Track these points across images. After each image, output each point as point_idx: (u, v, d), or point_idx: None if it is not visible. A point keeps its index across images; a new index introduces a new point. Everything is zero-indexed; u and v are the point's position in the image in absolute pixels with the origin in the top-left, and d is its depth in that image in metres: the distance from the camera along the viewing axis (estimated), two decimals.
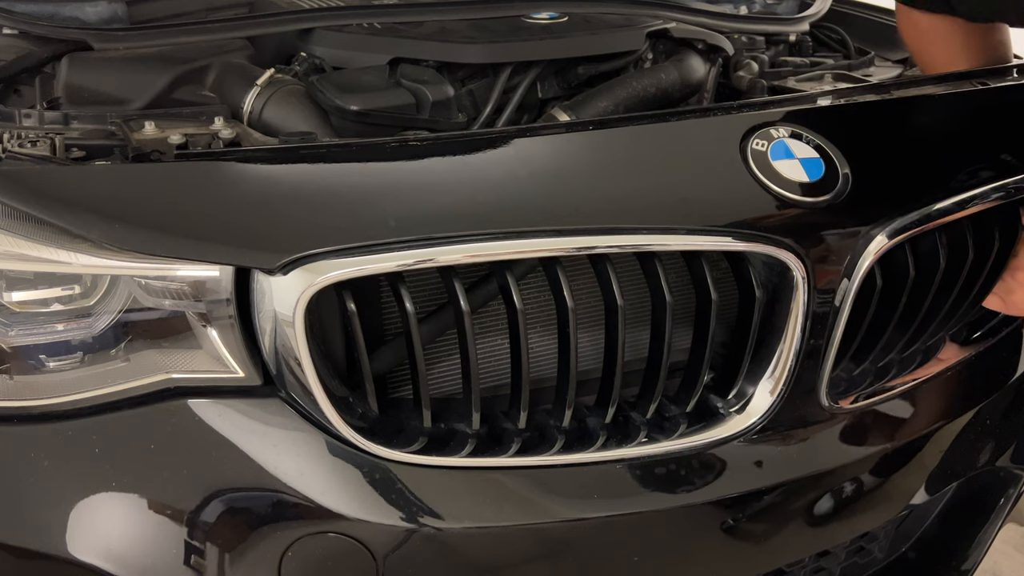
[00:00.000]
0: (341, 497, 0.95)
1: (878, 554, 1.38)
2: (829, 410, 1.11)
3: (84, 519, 0.93)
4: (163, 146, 1.04)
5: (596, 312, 1.07)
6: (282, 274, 0.90)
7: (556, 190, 1.00)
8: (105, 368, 0.96)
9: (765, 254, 1.02)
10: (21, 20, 1.32)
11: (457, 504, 0.98)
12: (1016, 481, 1.47)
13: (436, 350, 1.07)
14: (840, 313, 1.07)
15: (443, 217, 0.95)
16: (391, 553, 0.97)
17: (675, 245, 0.99)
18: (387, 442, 0.97)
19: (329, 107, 1.20)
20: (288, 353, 0.92)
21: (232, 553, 0.95)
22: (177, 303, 0.94)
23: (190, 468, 0.94)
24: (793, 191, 1.04)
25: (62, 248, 0.90)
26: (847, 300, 1.06)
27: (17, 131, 1.12)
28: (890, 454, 1.16)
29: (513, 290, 0.96)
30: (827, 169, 1.07)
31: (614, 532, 1.03)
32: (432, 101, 1.24)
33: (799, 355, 1.06)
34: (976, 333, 1.34)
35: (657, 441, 1.05)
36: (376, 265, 0.91)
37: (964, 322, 1.32)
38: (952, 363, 1.27)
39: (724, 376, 1.10)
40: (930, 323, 1.21)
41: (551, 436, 1.03)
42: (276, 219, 0.93)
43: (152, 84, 1.25)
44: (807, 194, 1.04)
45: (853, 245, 1.05)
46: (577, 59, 1.38)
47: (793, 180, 1.04)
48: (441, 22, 1.42)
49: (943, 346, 1.28)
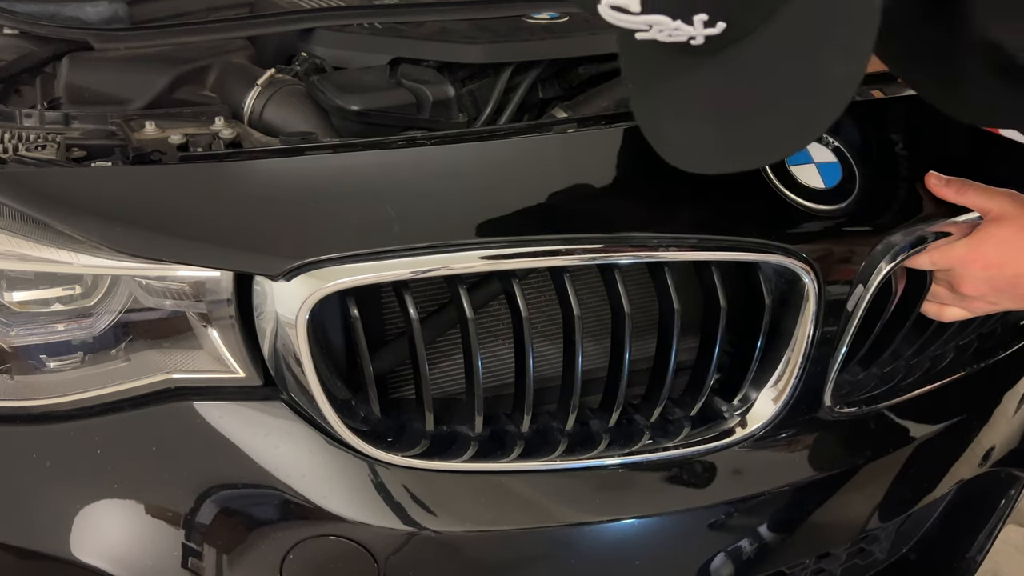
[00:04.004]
0: (343, 500, 0.95)
1: (879, 555, 1.38)
2: (833, 414, 1.10)
3: (85, 520, 0.93)
4: (164, 146, 1.03)
5: (601, 312, 1.07)
6: (285, 280, 0.90)
7: (564, 196, 1.00)
8: (106, 368, 0.96)
9: (776, 263, 1.02)
10: (22, 20, 1.32)
11: (459, 507, 0.98)
12: (1016, 483, 1.48)
13: (438, 350, 1.07)
14: (852, 319, 1.06)
15: (449, 222, 0.95)
16: (392, 556, 0.96)
17: (685, 256, 0.99)
18: (389, 446, 0.97)
19: (330, 107, 1.20)
20: (289, 355, 0.92)
21: (233, 555, 0.95)
22: (178, 303, 0.94)
23: (191, 469, 0.94)
24: (809, 199, 1.04)
25: (63, 248, 0.90)
26: (861, 306, 1.05)
27: (18, 131, 1.11)
28: (893, 457, 1.16)
29: (519, 297, 0.96)
30: (844, 174, 1.06)
31: (616, 536, 1.03)
32: (433, 101, 1.24)
33: (806, 362, 1.05)
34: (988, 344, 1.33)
35: (660, 444, 1.04)
36: (382, 273, 0.91)
37: (976, 332, 1.30)
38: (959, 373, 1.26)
39: (729, 380, 1.10)
40: (943, 332, 1.20)
41: (554, 439, 1.03)
42: (279, 224, 0.93)
43: (153, 84, 1.24)
44: (823, 201, 1.04)
45: (868, 251, 1.04)
46: (578, 59, 1.37)
47: (809, 186, 1.04)
48: (442, 22, 1.41)
49: (951, 355, 1.27)
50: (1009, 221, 1.02)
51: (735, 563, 1.11)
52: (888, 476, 1.18)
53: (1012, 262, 1.02)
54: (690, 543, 1.08)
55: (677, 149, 0.84)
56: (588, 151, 1.07)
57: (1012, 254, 1.02)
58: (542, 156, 1.04)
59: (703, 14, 0.70)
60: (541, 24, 1.41)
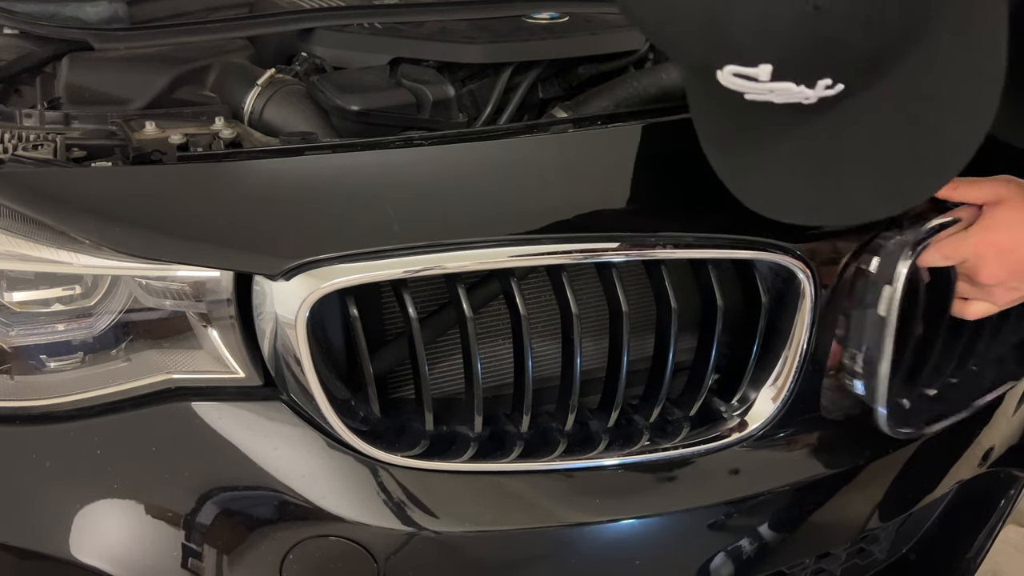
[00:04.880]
0: (342, 500, 0.95)
1: (879, 555, 1.37)
2: (895, 431, 1.09)
3: (85, 520, 0.93)
4: (164, 146, 1.03)
5: (599, 313, 1.07)
6: (285, 280, 0.90)
7: (563, 195, 1.00)
8: (106, 368, 0.96)
9: (772, 261, 1.02)
10: (22, 20, 1.32)
11: (458, 507, 0.98)
12: (1016, 483, 1.48)
13: (437, 350, 1.07)
14: (887, 323, 1.03)
15: (447, 221, 0.95)
16: (392, 556, 0.96)
17: (682, 255, 0.99)
18: (389, 446, 0.97)
19: (330, 107, 1.20)
20: (289, 355, 0.92)
21: (233, 555, 0.95)
22: (178, 303, 0.94)
23: (191, 469, 0.94)
24: None
25: (63, 248, 0.90)
26: (893, 307, 1.02)
27: (18, 131, 1.11)
28: (893, 457, 1.16)
29: (517, 296, 0.96)
30: None
31: (616, 536, 1.03)
32: (433, 101, 1.24)
33: (804, 361, 1.05)
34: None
35: (659, 445, 1.04)
36: (381, 272, 0.91)
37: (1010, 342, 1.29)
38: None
39: (727, 380, 1.10)
40: (978, 339, 1.19)
41: (553, 439, 1.03)
42: (279, 223, 0.93)
43: (153, 84, 1.24)
44: None
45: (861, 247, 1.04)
46: (578, 59, 1.37)
47: None
48: (442, 22, 1.41)
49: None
50: (1012, 203, 1.01)
51: (735, 563, 1.11)
52: (888, 476, 1.18)
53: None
54: (690, 543, 1.08)
55: (771, 202, 0.84)
56: (587, 151, 1.07)
57: (1023, 235, 1.01)
58: (542, 156, 1.04)
59: (827, 79, 0.71)
60: (541, 24, 1.41)
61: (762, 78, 0.71)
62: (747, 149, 0.83)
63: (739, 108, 0.77)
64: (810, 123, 0.77)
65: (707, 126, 0.88)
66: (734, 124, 0.84)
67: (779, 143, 0.80)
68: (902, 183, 0.76)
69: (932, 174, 0.75)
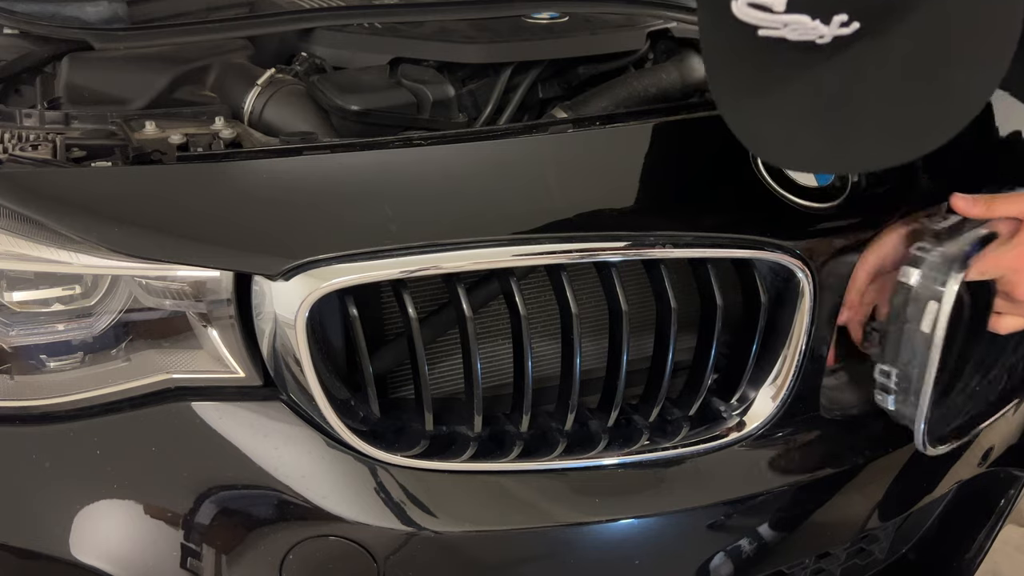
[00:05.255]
0: (342, 500, 0.95)
1: (878, 555, 1.37)
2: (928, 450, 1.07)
3: (85, 520, 0.93)
4: (164, 146, 1.03)
5: (599, 312, 1.07)
6: (284, 280, 0.90)
7: (563, 194, 1.00)
8: (106, 368, 0.96)
9: (771, 260, 1.02)
10: (22, 20, 1.32)
11: (458, 507, 0.98)
12: (1015, 482, 1.47)
13: (437, 350, 1.07)
14: (933, 341, 0.98)
15: (446, 221, 0.95)
16: (392, 556, 0.96)
17: (680, 254, 0.99)
18: (389, 446, 0.97)
19: (330, 107, 1.20)
20: (288, 355, 0.92)
21: (232, 555, 0.95)
22: (177, 303, 0.94)
23: (191, 469, 0.94)
24: (803, 196, 1.03)
25: (63, 248, 0.90)
26: (940, 324, 0.97)
27: (18, 131, 1.12)
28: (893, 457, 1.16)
29: (517, 296, 0.96)
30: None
31: (615, 536, 1.03)
32: (433, 101, 1.24)
33: (803, 360, 1.05)
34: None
35: (659, 444, 1.05)
36: (380, 272, 0.91)
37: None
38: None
39: (727, 380, 1.10)
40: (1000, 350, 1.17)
41: (553, 439, 1.03)
42: (278, 223, 0.93)
43: (153, 84, 1.24)
44: (816, 199, 1.04)
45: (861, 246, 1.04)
46: (578, 59, 1.37)
47: (802, 184, 1.04)
48: (441, 22, 1.41)
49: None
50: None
51: (734, 563, 1.11)
52: (888, 476, 1.18)
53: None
54: (689, 543, 1.08)
55: (778, 149, 0.83)
56: (587, 151, 1.07)
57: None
58: (541, 156, 1.04)
59: (843, 14, 0.70)
60: (541, 24, 1.41)
61: (777, 8, 0.70)
62: (758, 93, 0.82)
63: (751, 49, 0.76)
64: (822, 66, 0.76)
65: (719, 71, 0.87)
66: (746, 66, 0.82)
67: (790, 87, 0.79)
68: (911, 131, 0.75)
69: (942, 123, 0.74)
